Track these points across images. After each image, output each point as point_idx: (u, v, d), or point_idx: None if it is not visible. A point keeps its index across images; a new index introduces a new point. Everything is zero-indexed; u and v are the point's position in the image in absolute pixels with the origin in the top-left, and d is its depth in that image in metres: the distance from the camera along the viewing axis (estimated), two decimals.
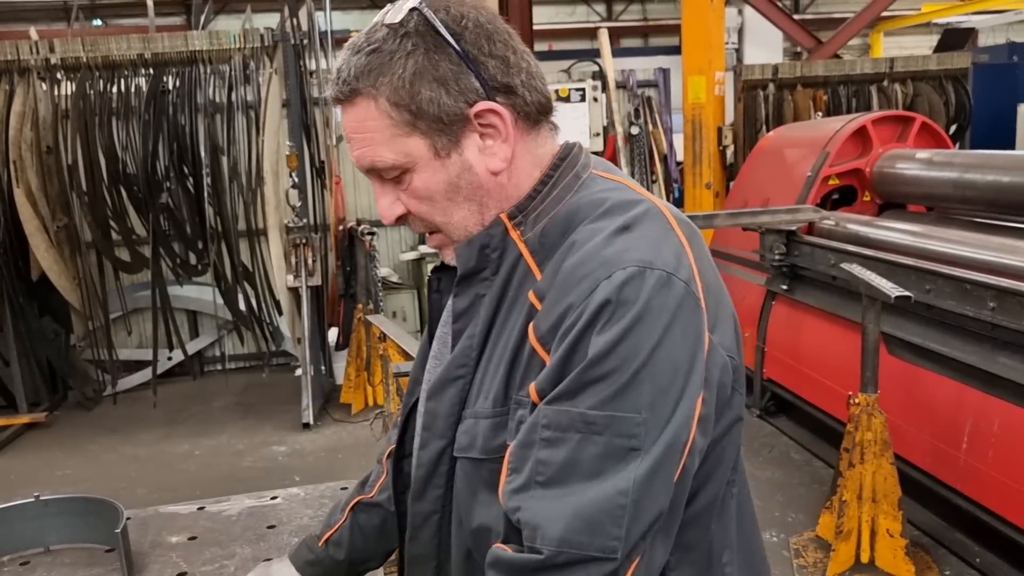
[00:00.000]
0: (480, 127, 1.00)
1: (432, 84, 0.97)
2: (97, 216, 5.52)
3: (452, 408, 1.04)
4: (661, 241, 0.95)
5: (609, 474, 0.87)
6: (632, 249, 0.92)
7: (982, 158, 4.12)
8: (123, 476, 4.76)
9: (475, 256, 1.03)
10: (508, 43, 1.01)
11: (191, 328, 6.72)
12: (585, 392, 0.88)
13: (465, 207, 1.03)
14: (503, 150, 1.02)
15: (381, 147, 1.00)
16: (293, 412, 5.51)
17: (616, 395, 0.87)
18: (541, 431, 0.90)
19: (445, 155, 1.00)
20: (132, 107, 5.37)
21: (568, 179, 1.04)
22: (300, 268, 5.36)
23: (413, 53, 0.97)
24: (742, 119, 6.68)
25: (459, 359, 1.04)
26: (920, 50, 13.44)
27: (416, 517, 1.11)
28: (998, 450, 3.14)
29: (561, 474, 0.88)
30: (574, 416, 0.88)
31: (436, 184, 1.01)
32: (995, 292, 3.09)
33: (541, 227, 1.02)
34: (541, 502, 0.88)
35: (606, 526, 0.87)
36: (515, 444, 0.93)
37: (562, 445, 0.88)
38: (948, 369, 3.46)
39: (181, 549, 1.78)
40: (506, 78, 1.00)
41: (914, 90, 6.74)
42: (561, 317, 0.92)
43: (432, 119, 0.98)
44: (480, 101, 0.99)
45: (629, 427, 0.87)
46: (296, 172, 5.32)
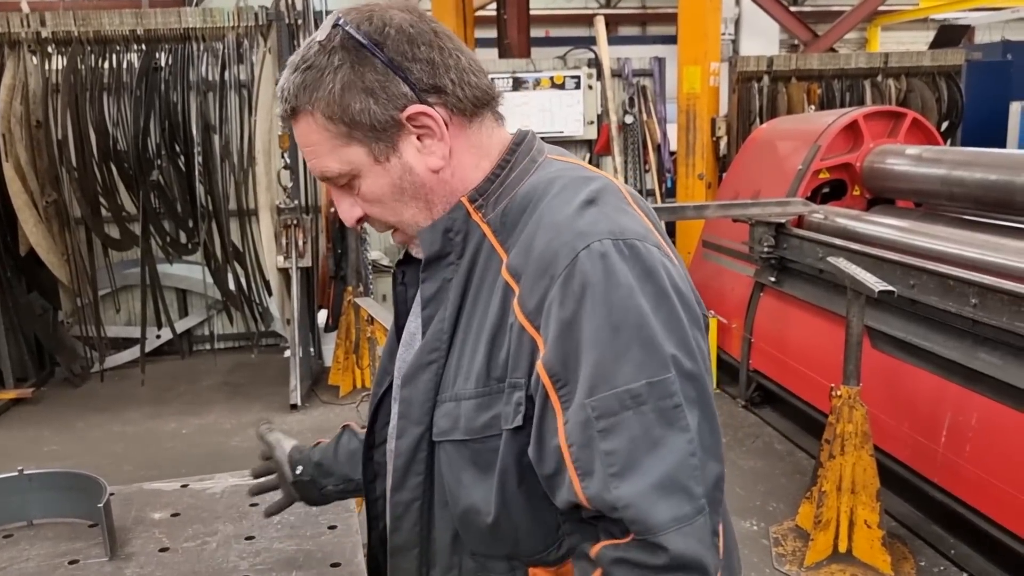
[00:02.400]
0: (415, 128, 1.03)
1: (360, 95, 1.00)
2: (86, 192, 5.49)
3: (427, 394, 1.06)
4: (624, 212, 1.01)
5: (671, 435, 0.91)
6: (601, 220, 0.97)
7: (970, 155, 4.14)
8: (109, 453, 4.77)
9: (439, 239, 1.06)
10: (433, 43, 1.03)
11: (180, 307, 6.71)
12: (616, 369, 0.91)
13: (412, 205, 1.07)
14: (440, 148, 1.05)
15: (326, 158, 1.05)
16: (281, 393, 5.52)
17: (645, 361, 0.91)
18: (596, 423, 0.91)
19: (384, 160, 1.04)
20: (124, 83, 5.33)
21: (525, 162, 1.08)
22: (290, 249, 5.35)
23: (340, 68, 1.00)
24: (736, 111, 6.68)
25: (431, 343, 1.06)
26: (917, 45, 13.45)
27: (397, 507, 1.12)
28: (975, 444, 3.19)
29: (629, 458, 0.91)
30: (620, 395, 0.91)
31: (381, 187, 1.05)
32: (977, 289, 3.12)
33: (502, 207, 1.05)
34: (631, 485, 0.90)
35: (691, 486, 0.91)
36: (574, 447, 0.93)
37: (619, 429, 0.91)
38: (930, 364, 3.50)
39: (164, 525, 1.80)
40: (433, 79, 1.02)
41: (907, 86, 6.76)
42: (544, 293, 0.95)
43: (367, 128, 1.02)
44: (410, 105, 1.02)
45: (666, 386, 0.92)
46: (288, 152, 5.31)
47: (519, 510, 1.02)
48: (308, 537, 1.72)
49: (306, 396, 5.52)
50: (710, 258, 5.64)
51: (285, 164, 5.31)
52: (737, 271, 5.22)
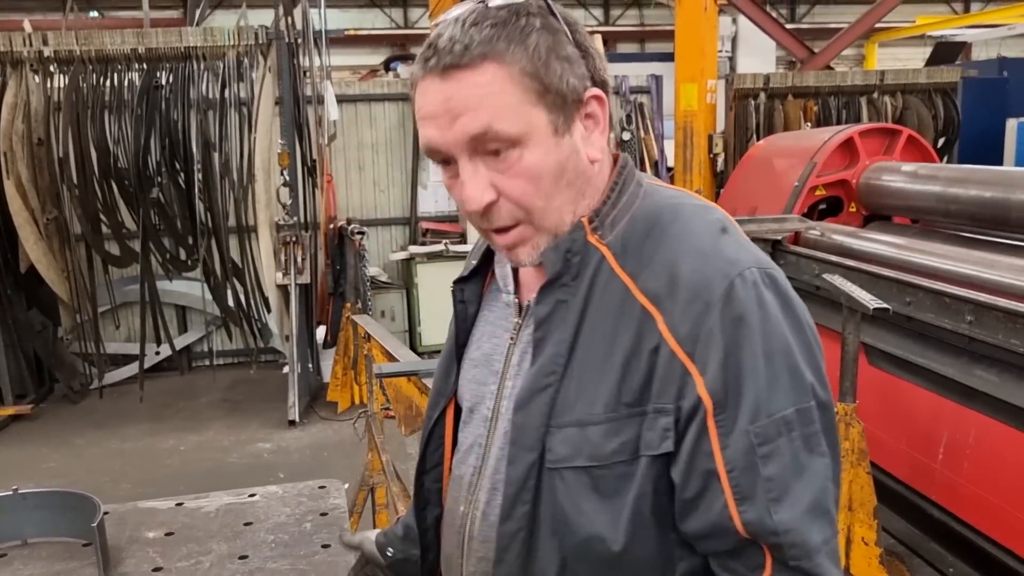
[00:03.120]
0: (584, 115, 1.00)
1: (562, 61, 0.97)
2: (87, 209, 5.52)
3: (542, 419, 1.00)
4: (750, 243, 1.02)
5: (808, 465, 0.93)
6: (742, 250, 0.98)
7: (966, 172, 4.16)
8: (108, 470, 4.77)
9: (561, 260, 1.01)
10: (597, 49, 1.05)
11: (179, 323, 6.73)
12: (772, 396, 0.92)
13: (566, 192, 1.00)
14: (600, 140, 1.02)
15: (504, 113, 0.94)
16: (279, 409, 5.53)
17: (792, 387, 0.93)
18: (757, 450, 0.92)
19: (561, 134, 0.98)
20: (125, 101, 5.38)
21: (632, 186, 1.05)
22: (289, 266, 5.37)
23: (542, 31, 0.96)
24: (733, 127, 6.73)
25: (547, 367, 1.01)
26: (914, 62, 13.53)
27: (503, 538, 1.05)
28: (973, 462, 3.19)
29: (784, 484, 0.92)
30: (776, 422, 0.92)
31: (547, 164, 0.97)
32: (973, 306, 3.12)
33: (620, 231, 1.01)
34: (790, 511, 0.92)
35: (831, 509, 0.95)
36: (735, 472, 0.92)
37: (775, 456, 0.92)
38: (926, 381, 3.50)
39: (158, 544, 1.80)
40: (603, 74, 1.02)
41: (903, 103, 6.81)
42: (699, 319, 0.93)
43: (557, 94, 0.96)
44: (590, 88, 0.99)
45: (809, 414, 0.94)
46: (287, 170, 5.34)
47: (649, 536, 0.99)
48: (301, 556, 1.72)
49: (304, 412, 5.52)
50: None
51: (284, 181, 5.35)
52: None
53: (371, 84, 7.20)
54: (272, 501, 2.01)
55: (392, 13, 16.87)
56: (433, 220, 7.04)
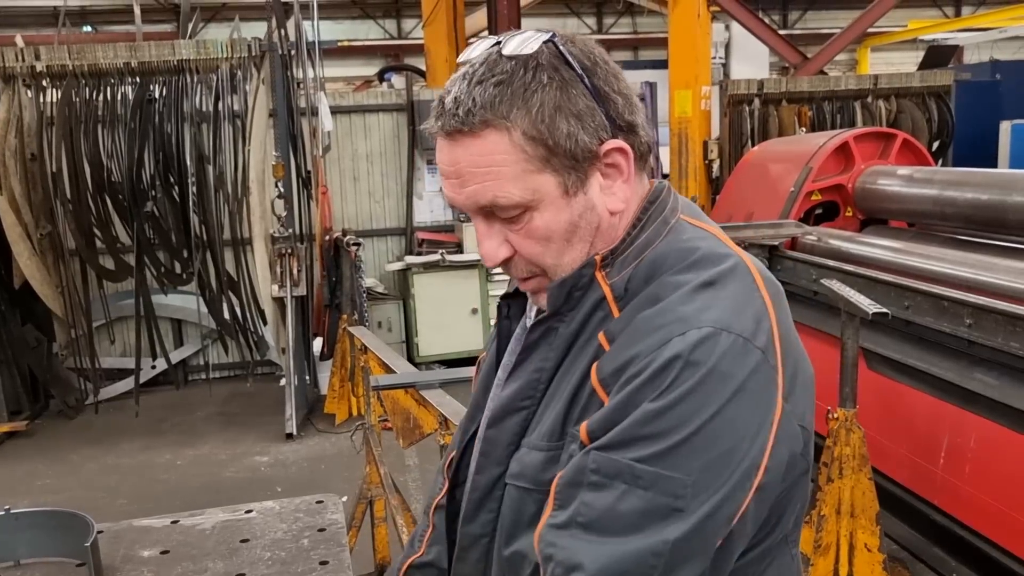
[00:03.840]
0: (604, 167, 0.98)
1: (571, 119, 0.93)
2: (81, 224, 5.50)
3: (512, 437, 1.03)
4: (743, 303, 0.94)
5: (648, 530, 0.86)
6: (712, 309, 0.91)
7: (962, 175, 4.16)
8: (104, 486, 4.74)
9: (563, 298, 1.01)
10: (627, 83, 1.00)
11: (175, 337, 6.69)
12: (637, 444, 0.87)
13: (578, 247, 0.99)
14: (623, 190, 0.99)
15: (508, 183, 0.94)
16: (276, 422, 5.50)
17: (668, 453, 0.87)
18: (589, 475, 0.89)
19: (572, 194, 0.96)
20: (118, 115, 5.36)
21: (657, 223, 1.01)
22: (285, 278, 5.35)
23: (549, 86, 0.93)
24: (727, 133, 6.73)
25: (525, 391, 1.03)
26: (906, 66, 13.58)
27: (465, 538, 1.11)
28: (974, 465, 3.17)
29: (603, 521, 0.88)
30: (622, 466, 0.88)
31: (558, 224, 0.97)
32: (972, 309, 3.11)
33: (628, 272, 0.99)
34: (578, 543, 0.88)
35: None
36: (562, 481, 0.92)
37: (607, 491, 0.88)
38: (926, 385, 3.49)
39: (153, 563, 1.77)
40: (631, 116, 0.98)
41: (897, 107, 6.82)
42: (626, 364, 0.91)
43: (567, 155, 0.94)
44: (609, 139, 0.96)
45: (675, 487, 0.86)
46: (282, 182, 5.32)
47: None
48: (299, 573, 1.70)
49: (302, 425, 5.50)
50: None
51: (279, 193, 5.33)
52: None
53: (365, 95, 7.19)
54: (269, 517, 1.99)
55: (386, 24, 16.91)
56: (429, 230, 7.02)
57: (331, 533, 1.88)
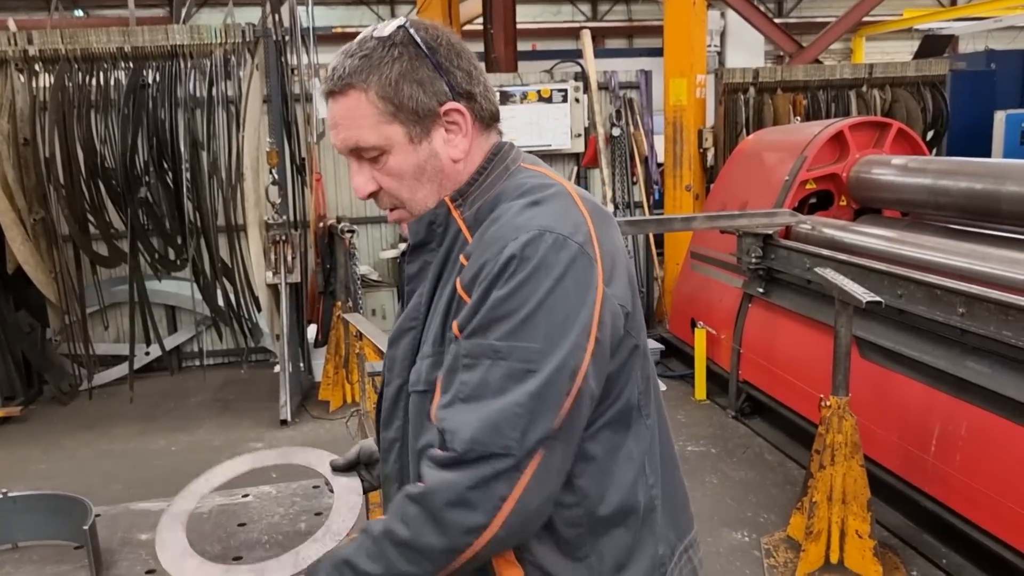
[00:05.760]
0: (446, 123, 1.24)
1: (412, 84, 1.20)
2: (74, 209, 5.48)
3: (407, 353, 1.29)
4: (563, 214, 1.18)
5: (511, 391, 1.10)
6: (536, 218, 1.16)
7: (955, 165, 4.18)
8: (98, 471, 4.73)
9: (424, 230, 1.27)
10: (471, 62, 1.26)
11: (169, 323, 6.68)
12: (493, 327, 1.11)
13: (427, 186, 1.25)
14: (463, 143, 1.25)
15: (366, 131, 1.22)
16: (271, 408, 5.50)
17: (517, 329, 1.10)
18: (462, 359, 1.13)
19: (417, 142, 1.23)
20: (111, 100, 5.33)
21: (499, 170, 1.28)
22: (279, 265, 5.34)
23: (399, 59, 1.20)
24: (722, 122, 6.72)
25: (411, 313, 1.29)
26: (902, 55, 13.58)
27: (384, 442, 1.35)
28: (965, 453, 3.20)
29: (476, 391, 1.11)
30: (485, 346, 1.11)
31: (407, 165, 1.23)
32: (964, 298, 3.14)
33: (476, 207, 1.25)
34: (460, 414, 1.11)
35: (504, 429, 1.09)
36: (444, 370, 1.17)
37: (477, 369, 1.12)
38: (918, 373, 3.52)
39: (150, 546, 1.77)
40: (468, 86, 1.24)
41: (892, 96, 6.82)
42: (479, 270, 1.15)
43: (410, 112, 1.21)
44: (448, 102, 1.23)
45: (527, 354, 1.10)
46: (276, 168, 5.30)
47: None
48: (302, 559, 1.70)
49: (296, 411, 5.50)
50: (699, 269, 5.66)
51: (273, 180, 5.31)
52: (725, 282, 5.23)
53: None
54: (266, 501, 1.99)
55: (379, 10, 16.83)
56: None
57: (326, 516, 1.89)
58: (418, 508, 1.12)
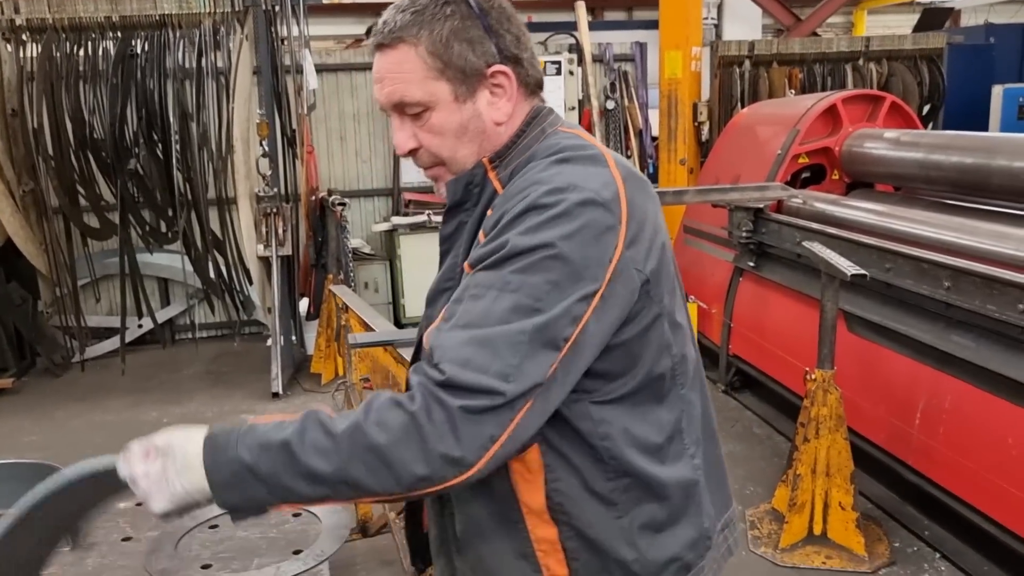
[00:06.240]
0: (492, 85, 1.24)
1: (463, 43, 1.21)
2: (64, 181, 5.45)
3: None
4: (592, 173, 1.16)
5: (515, 321, 1.07)
6: (563, 174, 1.16)
7: (947, 139, 4.16)
8: (90, 443, 4.75)
9: (461, 190, 1.27)
10: (521, 28, 1.27)
11: (162, 296, 6.68)
12: (506, 263, 1.10)
13: (468, 146, 1.25)
14: (506, 107, 1.26)
15: (412, 86, 1.22)
16: (263, 381, 5.51)
17: (530, 267, 1.09)
18: (470, 289, 1.12)
19: (462, 101, 1.23)
20: (100, 71, 5.28)
21: (535, 132, 1.28)
22: (270, 237, 5.33)
23: (451, 17, 1.20)
24: (718, 96, 6.68)
25: (447, 273, 1.29)
26: (903, 29, 13.42)
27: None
28: (949, 427, 3.21)
29: (477, 319, 1.09)
30: (495, 277, 1.10)
31: (450, 123, 1.23)
32: (950, 272, 3.14)
33: (512, 168, 1.25)
34: (456, 335, 1.08)
35: (504, 353, 1.05)
36: (450, 301, 1.15)
37: (483, 299, 1.10)
38: (904, 347, 3.52)
39: (129, 515, 1.79)
40: (516, 51, 1.25)
41: (889, 70, 6.77)
42: (500, 216, 1.15)
43: (457, 70, 1.21)
44: (496, 64, 1.23)
45: (536, 292, 1.08)
46: (267, 140, 5.27)
47: None
48: (272, 525, 1.72)
49: (288, 384, 5.51)
50: (691, 243, 5.65)
51: (264, 152, 5.27)
52: (717, 256, 5.23)
53: (352, 53, 7.09)
54: None
55: None
56: (416, 191, 6.98)
57: None
58: (406, 420, 1.04)
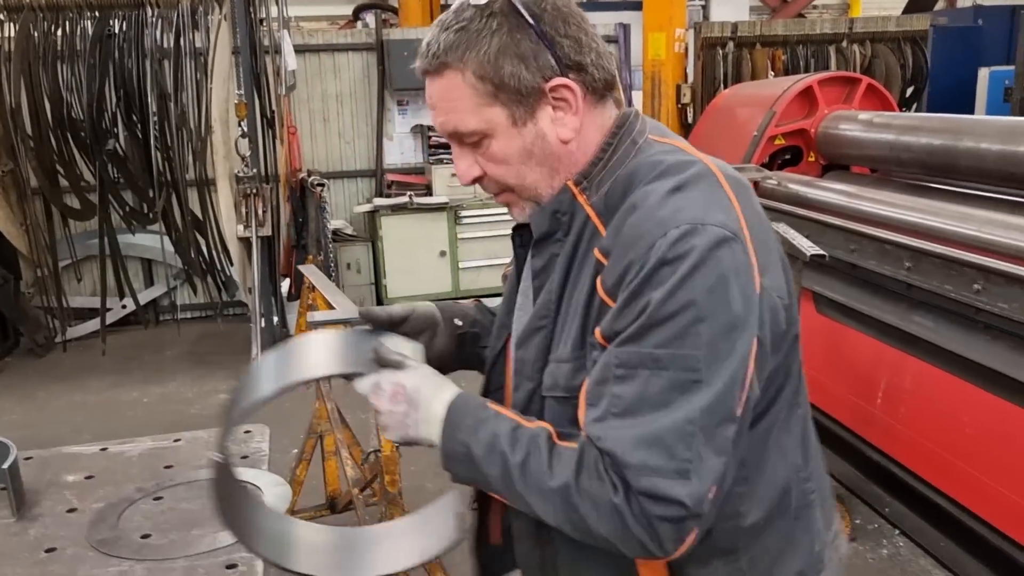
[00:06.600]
0: (553, 100, 1.11)
1: (514, 60, 1.07)
2: (43, 162, 5.45)
3: (539, 354, 1.16)
4: (710, 199, 1.05)
5: (676, 404, 0.98)
6: (684, 209, 1.03)
7: (918, 121, 4.17)
8: (70, 422, 4.79)
9: (547, 221, 1.15)
10: (581, 25, 1.11)
11: (145, 277, 6.69)
12: (650, 334, 0.99)
13: (537, 171, 1.13)
14: (573, 121, 1.12)
15: (465, 114, 1.11)
16: (245, 361, 5.54)
17: (678, 335, 0.98)
18: (614, 370, 1.01)
19: (522, 124, 1.10)
20: (77, 51, 5.27)
21: (626, 145, 1.14)
22: (250, 218, 5.34)
23: (498, 32, 1.07)
24: (700, 77, 6.68)
25: (540, 311, 1.17)
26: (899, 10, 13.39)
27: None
28: (909, 405, 3.26)
29: (634, 406, 0.99)
30: (643, 355, 0.99)
31: (512, 149, 1.12)
32: (911, 252, 3.17)
33: (605, 190, 1.12)
34: (619, 431, 0.99)
35: (678, 449, 0.97)
36: (591, 381, 1.05)
37: (633, 380, 1.00)
38: (869, 327, 3.56)
39: (76, 487, 1.83)
40: (578, 56, 1.10)
41: (872, 51, 6.77)
42: (624, 271, 1.03)
43: (512, 91, 1.08)
44: (555, 77, 1.09)
45: (691, 362, 0.98)
46: (246, 121, 5.27)
47: None
48: None
49: None
50: None
51: (243, 133, 5.28)
52: None
53: (335, 34, 7.07)
54: (195, 445, 2.04)
55: None
56: (399, 172, 6.99)
57: (253, 460, 1.94)
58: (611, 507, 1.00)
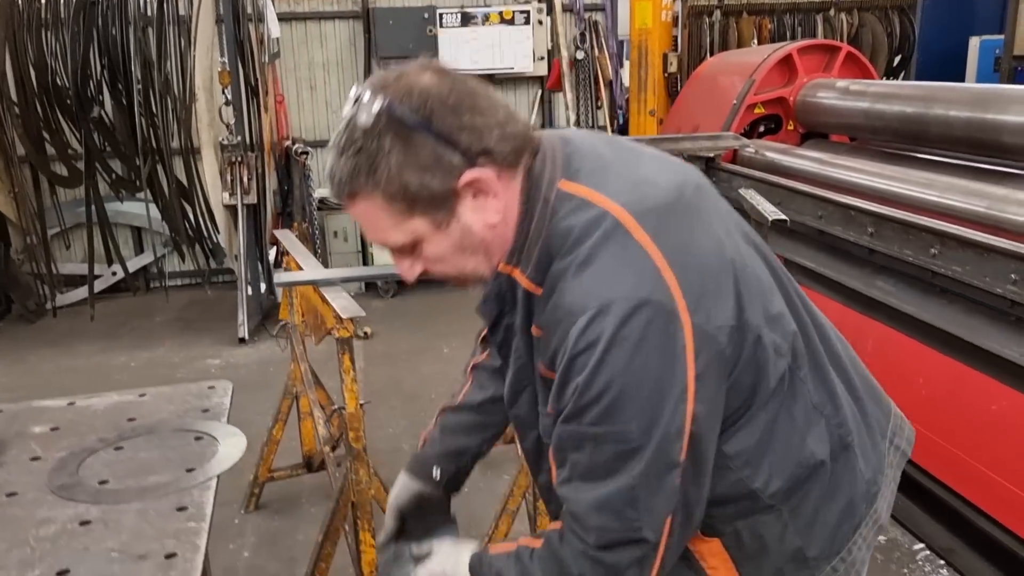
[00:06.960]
0: (472, 192, 1.12)
1: (417, 172, 1.07)
2: (29, 129, 5.49)
3: (530, 409, 1.28)
4: (618, 265, 1.06)
5: (620, 471, 1.07)
6: (591, 290, 1.06)
7: (892, 88, 4.20)
8: (57, 385, 4.87)
9: (494, 305, 1.23)
10: (474, 107, 1.09)
11: (135, 244, 6.75)
12: (584, 415, 1.08)
13: (473, 259, 1.18)
14: (495, 204, 1.13)
15: (389, 231, 1.14)
16: (232, 327, 5.62)
17: (607, 413, 1.06)
18: (567, 440, 1.12)
19: (446, 226, 1.13)
20: (61, 18, 5.28)
21: (539, 208, 1.14)
22: (235, 186, 5.39)
23: (392, 150, 1.06)
24: (687, 46, 6.68)
25: (520, 374, 1.27)
26: None
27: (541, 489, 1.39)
28: (870, 368, 3.32)
29: (588, 472, 1.10)
30: (583, 432, 1.09)
31: (444, 249, 1.15)
32: (873, 218, 3.22)
33: (534, 260, 1.15)
34: (581, 493, 1.11)
35: (626, 512, 1.08)
36: (553, 447, 1.17)
37: (583, 450, 1.10)
38: (835, 292, 3.63)
39: (42, 438, 1.90)
40: (481, 143, 1.09)
41: (859, 20, 6.76)
42: (553, 356, 1.11)
43: (426, 201, 1.09)
44: (464, 171, 1.09)
45: (624, 435, 1.06)
46: (230, 89, 5.29)
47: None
48: (172, 447, 1.83)
49: (256, 330, 5.63)
50: None
51: (226, 100, 5.30)
52: None
53: (320, 1, 7.05)
54: (160, 400, 2.11)
55: None
56: None
57: (213, 414, 2.01)
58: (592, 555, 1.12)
